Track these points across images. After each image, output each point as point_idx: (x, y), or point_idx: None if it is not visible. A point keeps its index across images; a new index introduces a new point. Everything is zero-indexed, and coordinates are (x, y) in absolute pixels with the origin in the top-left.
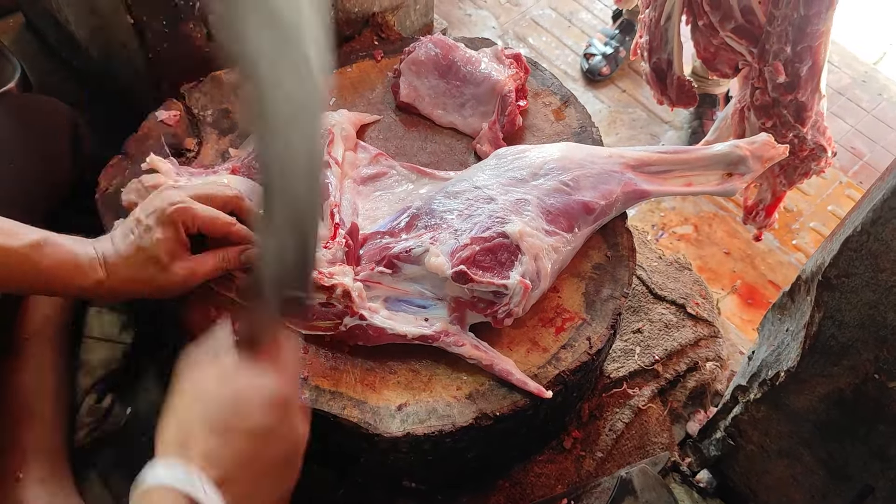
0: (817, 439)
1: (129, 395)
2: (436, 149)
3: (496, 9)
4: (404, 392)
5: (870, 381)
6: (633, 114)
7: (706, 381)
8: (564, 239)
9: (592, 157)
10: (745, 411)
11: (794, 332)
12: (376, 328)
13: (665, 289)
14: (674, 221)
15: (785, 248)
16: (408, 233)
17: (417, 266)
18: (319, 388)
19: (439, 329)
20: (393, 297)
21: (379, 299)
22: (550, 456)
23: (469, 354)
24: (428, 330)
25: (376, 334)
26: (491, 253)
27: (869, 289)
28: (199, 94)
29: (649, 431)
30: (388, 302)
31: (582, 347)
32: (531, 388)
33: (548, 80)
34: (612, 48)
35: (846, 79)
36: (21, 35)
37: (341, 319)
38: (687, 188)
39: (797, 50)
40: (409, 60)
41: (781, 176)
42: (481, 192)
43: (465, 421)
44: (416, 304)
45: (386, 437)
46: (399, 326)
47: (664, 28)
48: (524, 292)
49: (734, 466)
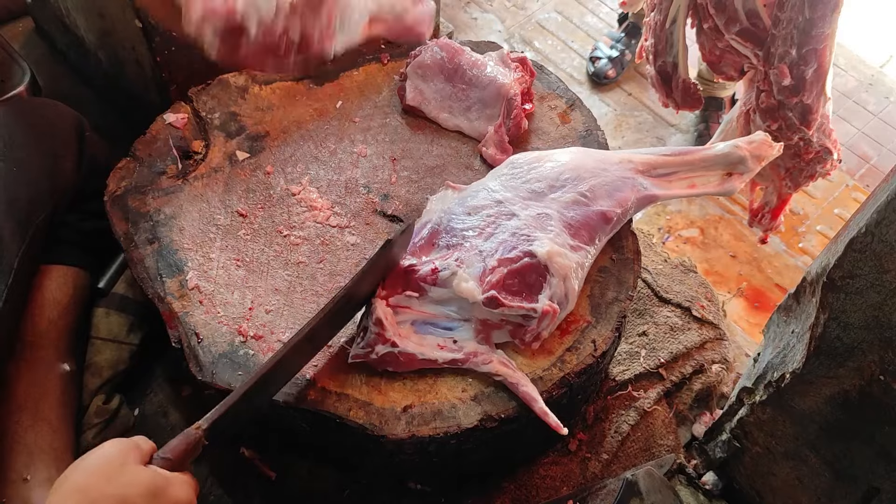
0: (823, 441)
1: (137, 397)
2: (442, 152)
3: (502, 12)
4: (409, 394)
5: (875, 383)
6: (639, 117)
7: (712, 383)
8: (587, 252)
9: (604, 164)
10: (751, 413)
11: (800, 333)
12: (407, 354)
13: (670, 292)
14: (680, 224)
15: (791, 252)
16: (429, 251)
17: (445, 289)
18: (326, 389)
19: (469, 351)
20: (420, 321)
21: (406, 323)
22: (555, 458)
23: (496, 371)
24: (459, 354)
25: (407, 360)
26: (519, 275)
27: (874, 290)
28: (207, 97)
29: (655, 433)
30: (415, 325)
31: (587, 350)
32: (551, 422)
33: (553, 84)
34: (617, 51)
35: (853, 82)
36: (30, 39)
37: (373, 347)
38: (690, 190)
39: (802, 53)
40: (415, 64)
41: (787, 179)
42: (502, 207)
43: (470, 423)
44: (443, 327)
45: (391, 438)
46: (430, 352)
47: (669, 31)
48: (553, 316)
49: (740, 468)
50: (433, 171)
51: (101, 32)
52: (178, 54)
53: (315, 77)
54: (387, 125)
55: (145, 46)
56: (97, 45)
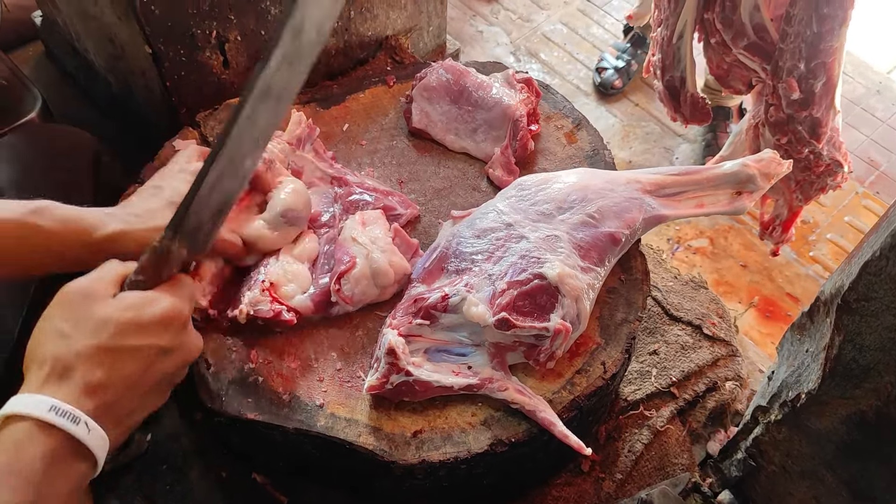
0: (840, 461)
1: (150, 422)
2: (448, 174)
3: (508, 25)
4: (419, 419)
5: (892, 403)
6: (647, 127)
7: (726, 400)
8: (598, 274)
9: (612, 185)
10: (766, 432)
11: (814, 353)
12: (422, 383)
13: (681, 309)
14: (689, 235)
15: (802, 260)
16: (438, 277)
17: (455, 315)
18: (335, 415)
19: (484, 377)
20: (433, 349)
21: (419, 352)
22: (569, 478)
23: (512, 399)
24: (474, 379)
25: (423, 389)
26: (529, 297)
27: (889, 313)
28: (215, 123)
29: (669, 452)
30: (428, 353)
31: (597, 372)
32: (572, 444)
33: (559, 103)
34: (623, 61)
35: (860, 89)
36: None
37: (388, 378)
38: (699, 209)
39: (811, 66)
40: (420, 86)
41: (798, 191)
42: (512, 230)
43: (480, 447)
44: (456, 353)
45: (401, 464)
46: (445, 379)
47: (676, 46)
48: (566, 335)
49: (756, 487)
50: (440, 193)
51: (111, 57)
52: (188, 79)
53: (321, 100)
54: (393, 147)
55: (155, 71)
56: (107, 70)
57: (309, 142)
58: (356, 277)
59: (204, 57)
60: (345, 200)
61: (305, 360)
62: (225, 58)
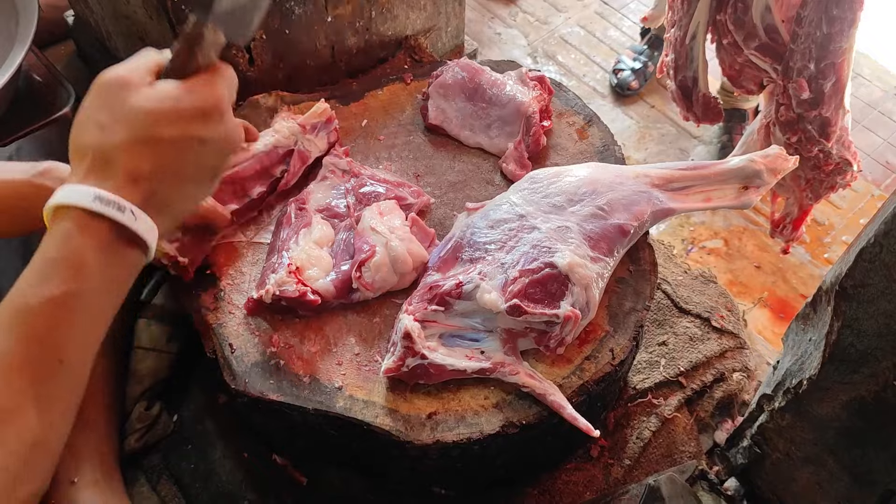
0: (841, 446)
1: (176, 404)
2: (463, 168)
3: (525, 27)
4: (434, 401)
5: (889, 388)
6: (663, 129)
7: (733, 391)
8: (607, 264)
9: (621, 178)
10: (771, 419)
11: (817, 341)
12: (437, 366)
13: (690, 302)
14: (703, 236)
15: (816, 262)
16: (453, 265)
17: (469, 302)
18: (353, 397)
19: (497, 361)
20: (447, 334)
21: (434, 337)
22: (578, 464)
23: (523, 383)
24: (486, 363)
25: (437, 372)
26: (540, 285)
27: (885, 299)
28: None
29: (676, 440)
30: (442, 338)
31: (605, 359)
32: (581, 426)
33: (571, 101)
34: (640, 63)
35: (878, 92)
36: (72, 62)
37: (403, 361)
38: (707, 203)
39: (821, 67)
40: (436, 84)
41: (808, 190)
42: (524, 221)
43: (492, 429)
44: (469, 339)
45: (416, 444)
46: (458, 362)
47: (689, 47)
48: (575, 322)
49: (761, 474)
50: (455, 186)
51: None
52: None
53: (341, 97)
54: (410, 143)
55: None
56: None
57: (324, 130)
58: (377, 265)
59: (230, 55)
60: (357, 192)
61: (325, 345)
62: (250, 56)
